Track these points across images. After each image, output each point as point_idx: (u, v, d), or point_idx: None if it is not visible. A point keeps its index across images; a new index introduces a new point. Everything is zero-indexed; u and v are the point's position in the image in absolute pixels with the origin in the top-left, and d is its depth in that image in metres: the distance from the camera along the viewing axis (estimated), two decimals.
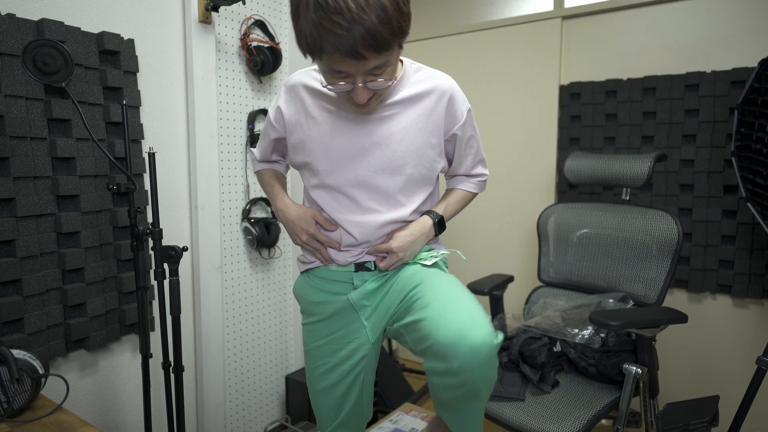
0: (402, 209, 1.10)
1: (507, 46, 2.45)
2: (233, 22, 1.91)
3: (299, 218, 1.14)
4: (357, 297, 1.12)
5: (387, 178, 1.07)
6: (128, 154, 1.35)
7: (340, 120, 1.06)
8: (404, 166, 1.06)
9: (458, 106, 1.09)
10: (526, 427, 1.40)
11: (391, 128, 1.05)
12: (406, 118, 1.05)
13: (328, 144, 1.07)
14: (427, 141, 1.07)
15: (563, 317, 1.74)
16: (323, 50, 0.85)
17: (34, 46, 1.16)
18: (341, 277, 1.14)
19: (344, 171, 1.07)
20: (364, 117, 1.05)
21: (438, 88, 1.07)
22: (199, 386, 1.90)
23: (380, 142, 1.05)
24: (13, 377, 1.03)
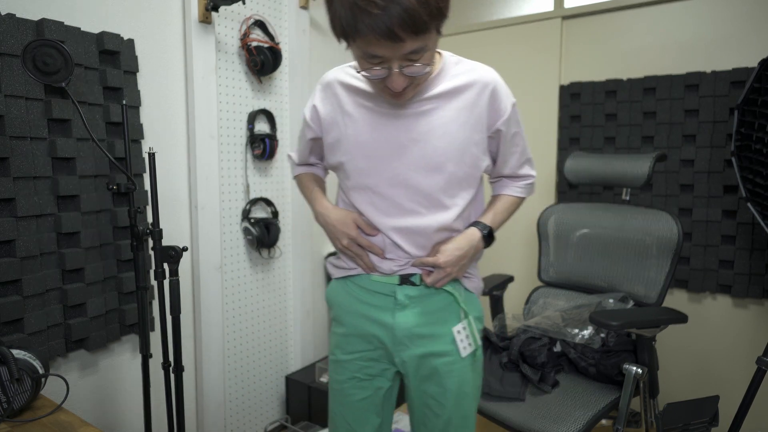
0: (445, 212, 1.03)
1: (507, 46, 2.45)
2: (233, 22, 1.91)
3: (340, 221, 1.09)
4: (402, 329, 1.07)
5: (427, 176, 1.00)
6: (128, 154, 1.35)
7: (377, 116, 1.01)
8: (446, 164, 1.00)
9: (502, 99, 1.02)
10: (526, 427, 1.40)
11: (430, 123, 0.99)
12: (447, 112, 0.99)
13: (365, 141, 1.02)
14: (469, 137, 1.00)
15: (563, 317, 1.74)
16: (358, 32, 0.82)
17: (34, 46, 1.15)
18: (383, 288, 1.08)
19: (382, 169, 1.02)
20: (402, 112, 1.00)
21: (480, 80, 1.00)
22: (199, 386, 1.90)
23: (419, 138, 0.99)
24: (13, 377, 1.03)
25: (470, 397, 1.12)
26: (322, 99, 1.08)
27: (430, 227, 1.03)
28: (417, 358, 1.08)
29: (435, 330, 1.08)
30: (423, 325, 1.07)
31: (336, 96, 1.06)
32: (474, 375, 1.12)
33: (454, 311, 1.09)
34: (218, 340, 1.91)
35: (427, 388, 1.10)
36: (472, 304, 1.13)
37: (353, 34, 0.83)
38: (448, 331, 1.08)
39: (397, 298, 1.07)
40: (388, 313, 1.08)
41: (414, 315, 1.07)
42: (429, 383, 1.10)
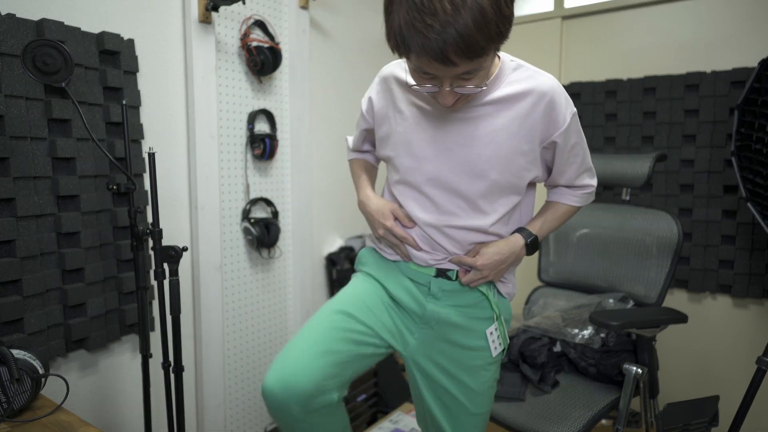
0: (484, 217, 1.03)
1: (507, 46, 2.44)
2: (233, 22, 1.91)
3: (378, 211, 1.11)
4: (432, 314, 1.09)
5: (469, 182, 1.00)
6: (128, 154, 1.35)
7: (427, 117, 1.01)
8: (489, 171, 0.99)
9: (559, 111, 0.99)
10: (526, 427, 1.40)
11: (478, 130, 0.98)
12: (497, 120, 0.97)
13: (412, 140, 1.03)
14: (517, 147, 0.98)
15: (563, 317, 1.74)
16: (411, 50, 0.81)
17: (34, 46, 1.15)
18: (420, 278, 1.10)
19: (425, 170, 1.02)
20: (451, 116, 0.99)
21: (537, 90, 0.97)
22: (199, 386, 1.90)
23: (465, 143, 0.99)
24: (13, 377, 1.03)
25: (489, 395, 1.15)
26: (378, 92, 1.10)
27: (467, 230, 1.04)
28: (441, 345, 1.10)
29: (467, 322, 1.10)
30: (453, 316, 1.09)
31: (391, 91, 1.07)
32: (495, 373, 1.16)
33: (485, 310, 1.11)
34: (218, 340, 1.91)
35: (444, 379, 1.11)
36: (504, 307, 1.15)
37: (407, 51, 0.83)
38: (479, 328, 1.10)
39: (431, 289, 1.09)
40: (421, 298, 1.10)
41: (445, 307, 1.09)
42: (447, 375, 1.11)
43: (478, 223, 1.04)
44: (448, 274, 1.08)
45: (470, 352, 1.10)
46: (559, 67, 2.32)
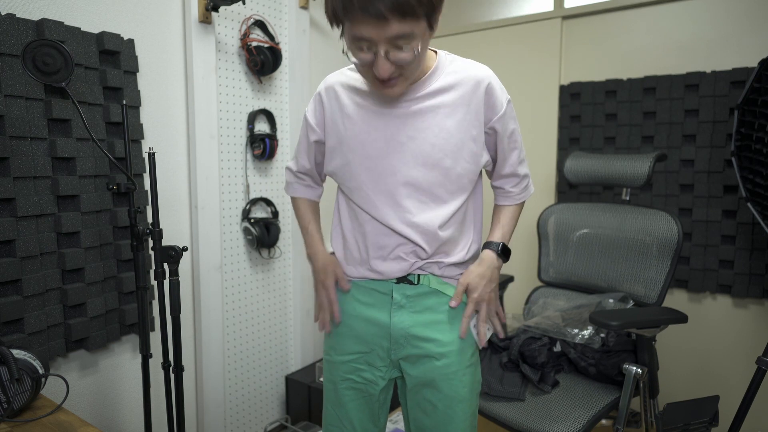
0: (444, 206, 1.05)
1: (507, 46, 2.45)
2: (233, 22, 1.91)
3: (322, 269, 1.16)
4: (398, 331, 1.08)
5: (425, 173, 1.02)
6: (128, 154, 1.35)
7: (375, 116, 1.03)
8: (443, 159, 1.01)
9: (497, 96, 1.03)
10: (526, 427, 1.40)
11: (426, 120, 1.01)
12: (444, 109, 1.01)
13: (364, 141, 1.04)
14: (467, 132, 1.02)
15: (563, 317, 1.74)
16: (346, 11, 0.84)
17: (34, 46, 1.15)
18: (382, 287, 1.09)
19: (381, 168, 1.04)
20: (399, 111, 1.02)
21: (475, 77, 1.02)
22: (199, 386, 1.90)
23: (416, 135, 1.01)
24: (13, 377, 1.03)
25: (470, 401, 1.12)
26: (324, 101, 1.10)
27: (432, 222, 1.04)
28: (413, 359, 1.09)
29: (432, 331, 1.08)
30: (420, 325, 1.08)
31: (337, 98, 1.08)
32: (472, 378, 1.12)
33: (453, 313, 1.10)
34: (218, 340, 1.91)
35: (422, 390, 1.10)
36: None
37: (342, 13, 0.85)
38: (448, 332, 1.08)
39: (393, 298, 1.08)
40: (385, 313, 1.09)
41: (411, 315, 1.08)
42: (425, 386, 1.10)
43: (442, 213, 1.04)
44: (410, 279, 1.08)
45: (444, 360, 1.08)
46: (559, 67, 2.32)
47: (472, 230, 1.13)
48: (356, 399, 1.14)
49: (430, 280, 1.08)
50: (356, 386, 1.14)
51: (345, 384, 1.14)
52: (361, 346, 1.12)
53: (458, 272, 1.11)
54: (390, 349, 1.10)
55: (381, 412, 1.18)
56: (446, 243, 1.07)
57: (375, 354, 1.11)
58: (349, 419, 1.15)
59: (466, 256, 1.11)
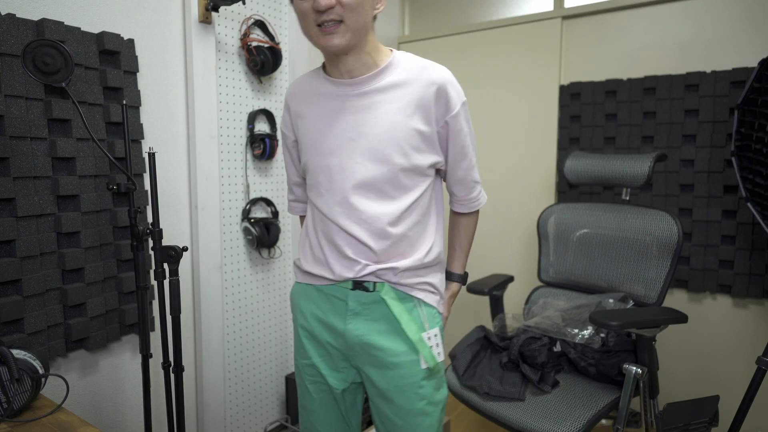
0: (393, 203, 1.04)
1: (507, 46, 2.45)
2: (233, 22, 1.91)
3: None
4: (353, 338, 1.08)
5: (375, 168, 1.02)
6: (128, 154, 1.35)
7: (329, 114, 1.05)
8: (391, 155, 1.01)
9: (451, 95, 1.03)
10: (526, 427, 1.40)
11: (376, 116, 1.01)
12: (393, 104, 1.01)
13: (317, 139, 1.06)
14: (415, 128, 1.01)
15: (563, 317, 1.74)
16: None
17: (34, 46, 1.15)
18: (339, 293, 1.09)
19: (333, 165, 1.04)
20: (350, 106, 1.03)
21: (429, 75, 1.02)
22: (199, 386, 1.90)
23: (365, 131, 1.02)
24: (13, 377, 1.03)
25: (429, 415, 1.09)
26: (289, 106, 1.14)
27: (380, 219, 1.03)
28: (368, 368, 1.08)
29: (385, 340, 1.06)
30: (373, 333, 1.06)
31: (298, 100, 1.12)
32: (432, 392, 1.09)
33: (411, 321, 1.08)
34: (218, 340, 1.91)
35: (380, 403, 1.10)
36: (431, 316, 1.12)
37: None
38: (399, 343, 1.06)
39: (348, 305, 1.07)
40: (340, 319, 1.09)
41: (365, 323, 1.07)
42: (381, 398, 1.09)
43: (390, 209, 1.03)
44: (365, 285, 1.06)
45: (397, 371, 1.06)
46: (559, 67, 2.32)
47: (433, 233, 1.11)
48: (324, 402, 1.15)
49: (386, 290, 1.06)
50: (322, 389, 1.15)
51: (312, 387, 1.16)
52: (321, 350, 1.13)
53: (416, 280, 1.08)
54: (348, 355, 1.10)
55: (351, 414, 1.17)
56: (399, 243, 1.05)
57: (334, 357, 1.12)
58: (319, 421, 1.16)
59: (425, 259, 1.08)
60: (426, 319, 1.09)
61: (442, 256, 1.14)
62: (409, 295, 1.08)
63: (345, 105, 1.04)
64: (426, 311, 1.10)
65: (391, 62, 1.03)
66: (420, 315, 1.09)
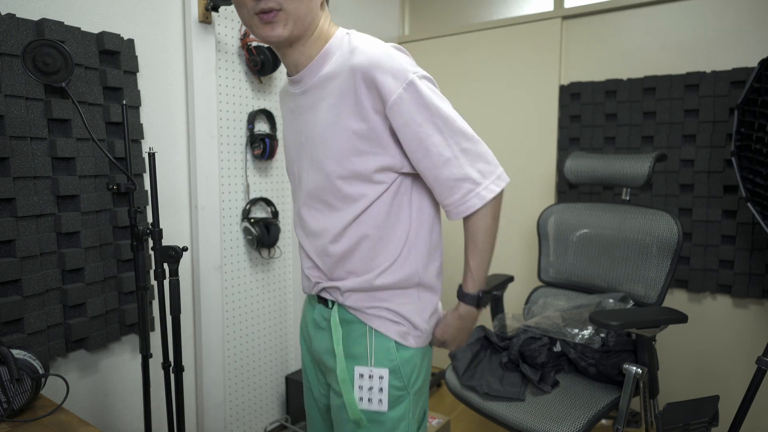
0: (336, 215, 0.90)
1: (507, 46, 2.45)
2: (233, 22, 1.91)
3: None
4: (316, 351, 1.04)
5: (314, 177, 0.92)
6: (128, 154, 1.35)
7: (287, 116, 1.02)
8: (325, 161, 0.88)
9: (382, 82, 0.82)
10: (526, 427, 1.40)
11: (314, 118, 0.91)
12: (324, 102, 0.88)
13: (286, 145, 1.04)
14: (347, 127, 0.85)
15: (563, 317, 1.74)
16: None
17: (34, 46, 1.15)
18: (312, 302, 1.07)
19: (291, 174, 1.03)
20: (299, 106, 0.95)
21: (352, 62, 0.84)
22: (199, 386, 1.90)
23: (308, 135, 0.92)
24: (13, 377, 1.03)
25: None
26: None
27: (323, 233, 0.92)
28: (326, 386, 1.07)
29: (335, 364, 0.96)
30: (329, 353, 0.99)
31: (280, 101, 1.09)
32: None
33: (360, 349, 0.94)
34: (218, 340, 1.91)
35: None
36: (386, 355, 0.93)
37: None
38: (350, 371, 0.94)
39: (314, 317, 1.04)
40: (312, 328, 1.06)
41: (326, 339, 1.00)
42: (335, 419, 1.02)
43: (333, 222, 0.91)
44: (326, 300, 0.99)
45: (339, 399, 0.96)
46: (559, 67, 2.32)
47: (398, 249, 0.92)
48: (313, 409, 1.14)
49: (335, 310, 0.96)
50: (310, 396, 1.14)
51: (306, 393, 1.16)
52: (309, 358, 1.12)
53: (370, 304, 0.92)
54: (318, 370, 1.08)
55: None
56: (346, 261, 0.92)
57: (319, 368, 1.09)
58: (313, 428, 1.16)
59: (376, 281, 0.91)
60: (373, 353, 0.92)
61: (418, 278, 0.94)
62: (359, 320, 0.94)
63: (297, 105, 0.95)
64: (377, 344, 0.92)
65: (326, 49, 0.88)
66: (368, 346, 0.93)
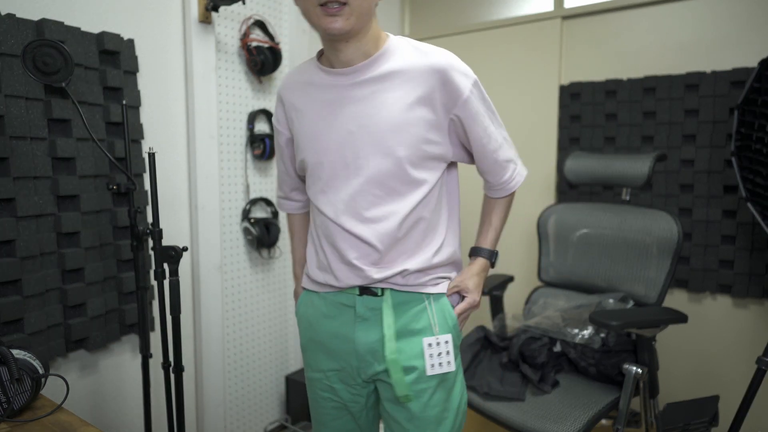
0: (400, 200, 0.97)
1: (507, 46, 2.45)
2: (233, 22, 1.91)
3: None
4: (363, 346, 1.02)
5: (378, 163, 0.95)
6: (128, 154, 1.35)
7: (325, 106, 0.98)
8: (395, 147, 0.94)
9: (457, 81, 0.95)
10: (526, 427, 1.40)
11: (375, 106, 0.94)
12: (394, 93, 0.94)
13: (314, 133, 0.99)
14: (420, 117, 0.94)
15: (563, 317, 1.74)
16: None
17: (34, 46, 1.15)
18: (347, 300, 1.03)
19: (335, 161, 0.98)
20: (346, 97, 0.96)
21: (429, 62, 0.95)
22: (199, 386, 1.90)
23: (365, 123, 0.94)
24: (13, 377, 1.03)
25: (444, 423, 1.03)
26: (283, 100, 1.07)
27: (387, 218, 0.97)
28: (384, 374, 1.02)
29: (399, 343, 1.00)
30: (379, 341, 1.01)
31: (290, 92, 1.05)
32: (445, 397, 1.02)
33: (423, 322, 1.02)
34: (218, 340, 1.91)
35: (392, 409, 1.04)
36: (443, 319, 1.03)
37: None
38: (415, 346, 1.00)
39: (357, 311, 1.02)
40: (349, 327, 1.03)
41: (376, 329, 1.01)
42: (394, 405, 1.03)
43: (401, 207, 0.97)
44: (373, 290, 1.01)
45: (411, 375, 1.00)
46: (559, 67, 2.32)
47: (444, 231, 1.04)
48: (339, 417, 1.10)
49: (387, 297, 1.01)
50: (336, 405, 1.09)
51: (324, 403, 1.10)
52: (333, 363, 1.07)
53: (425, 278, 1.02)
54: (359, 368, 1.03)
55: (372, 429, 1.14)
56: (405, 243, 0.99)
57: (347, 372, 1.05)
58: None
59: (433, 260, 1.01)
60: (436, 322, 1.02)
61: (456, 256, 1.07)
62: (419, 294, 1.02)
63: (342, 96, 0.97)
64: (437, 313, 1.02)
65: (387, 48, 0.96)
66: (430, 318, 1.02)
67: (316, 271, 1.07)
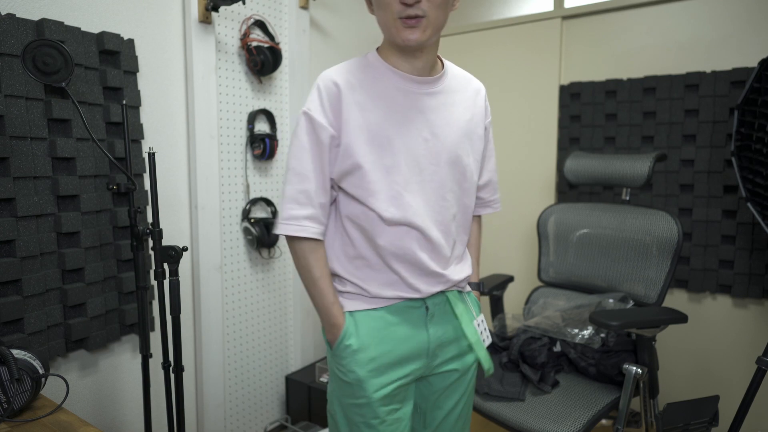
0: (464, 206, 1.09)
1: (507, 46, 2.45)
2: (233, 22, 1.91)
3: None
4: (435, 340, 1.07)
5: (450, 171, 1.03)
6: (128, 154, 1.35)
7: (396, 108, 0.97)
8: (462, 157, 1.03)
9: (487, 104, 1.13)
10: (526, 427, 1.40)
11: (444, 117, 1.01)
12: (457, 107, 1.04)
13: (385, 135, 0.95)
14: (475, 130, 1.07)
15: (563, 317, 1.74)
16: None
17: (34, 46, 1.16)
18: (414, 303, 1.04)
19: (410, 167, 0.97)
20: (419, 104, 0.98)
21: (475, 84, 1.11)
22: (199, 386, 1.90)
23: (439, 132, 1.00)
24: (13, 377, 1.03)
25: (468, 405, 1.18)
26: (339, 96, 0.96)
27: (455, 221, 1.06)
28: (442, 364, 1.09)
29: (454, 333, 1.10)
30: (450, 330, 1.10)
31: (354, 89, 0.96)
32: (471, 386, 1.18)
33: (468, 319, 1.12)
34: (218, 340, 1.91)
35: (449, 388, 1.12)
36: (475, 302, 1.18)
37: None
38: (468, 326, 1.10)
39: (429, 310, 1.05)
40: (421, 326, 1.04)
41: (445, 321, 1.09)
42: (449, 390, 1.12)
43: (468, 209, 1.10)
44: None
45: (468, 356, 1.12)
46: (559, 67, 2.32)
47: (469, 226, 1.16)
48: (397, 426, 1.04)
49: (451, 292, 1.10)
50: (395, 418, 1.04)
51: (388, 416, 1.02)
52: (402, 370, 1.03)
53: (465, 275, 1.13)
54: (428, 364, 1.07)
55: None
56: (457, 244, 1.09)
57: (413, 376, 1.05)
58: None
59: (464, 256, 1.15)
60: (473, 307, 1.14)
61: None
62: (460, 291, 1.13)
63: (415, 102, 0.98)
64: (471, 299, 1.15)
65: (447, 68, 1.06)
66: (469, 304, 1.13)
67: (381, 289, 1.01)
